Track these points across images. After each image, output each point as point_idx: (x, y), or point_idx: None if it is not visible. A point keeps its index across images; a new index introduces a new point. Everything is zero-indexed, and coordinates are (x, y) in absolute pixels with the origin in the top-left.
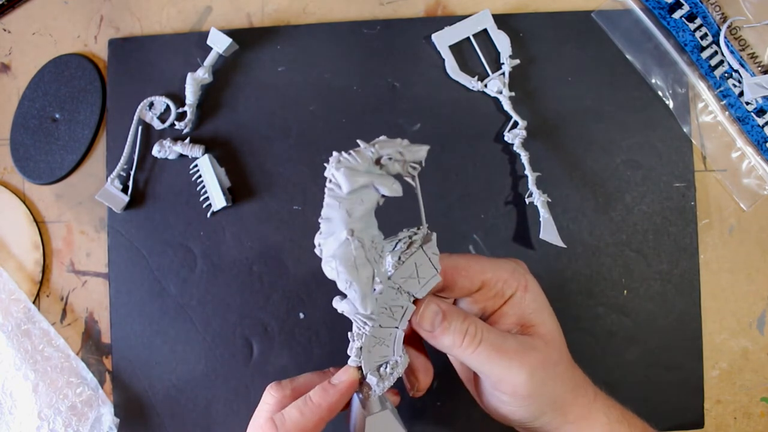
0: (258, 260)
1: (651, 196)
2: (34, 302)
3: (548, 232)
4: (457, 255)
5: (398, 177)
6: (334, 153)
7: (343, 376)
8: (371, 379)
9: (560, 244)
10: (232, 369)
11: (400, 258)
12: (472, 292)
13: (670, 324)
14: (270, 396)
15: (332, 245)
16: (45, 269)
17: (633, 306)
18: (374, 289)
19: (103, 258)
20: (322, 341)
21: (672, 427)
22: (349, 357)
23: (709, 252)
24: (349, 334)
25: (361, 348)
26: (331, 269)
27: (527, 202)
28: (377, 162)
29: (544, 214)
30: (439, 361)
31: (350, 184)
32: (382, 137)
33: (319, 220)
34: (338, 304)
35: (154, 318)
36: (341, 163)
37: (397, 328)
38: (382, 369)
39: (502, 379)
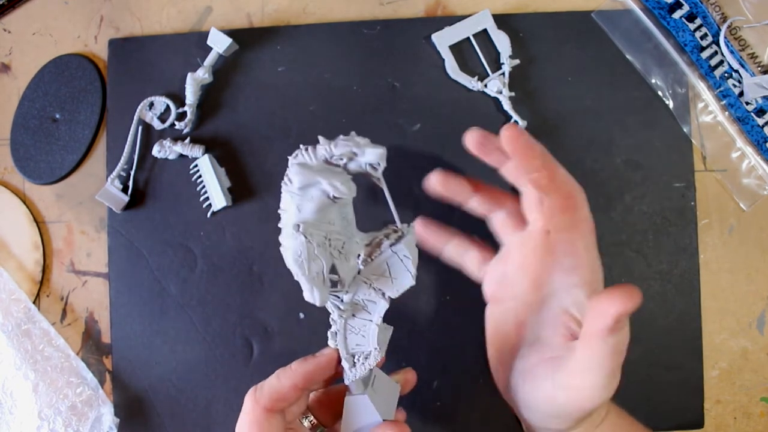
0: (258, 260)
1: (651, 196)
2: (34, 302)
3: None
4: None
5: (368, 176)
6: (300, 147)
7: (325, 351)
8: (345, 364)
9: None
10: (232, 369)
11: (371, 256)
12: None
13: (670, 324)
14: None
15: (284, 237)
16: (45, 269)
17: None
18: (331, 283)
19: (103, 258)
20: (322, 341)
21: (672, 427)
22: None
23: (709, 252)
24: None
25: (336, 333)
26: (284, 258)
27: None
28: (329, 161)
29: None
30: (439, 361)
31: (299, 180)
32: (342, 136)
33: (278, 210)
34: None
35: (154, 318)
36: (297, 158)
37: (371, 321)
38: (355, 357)
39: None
